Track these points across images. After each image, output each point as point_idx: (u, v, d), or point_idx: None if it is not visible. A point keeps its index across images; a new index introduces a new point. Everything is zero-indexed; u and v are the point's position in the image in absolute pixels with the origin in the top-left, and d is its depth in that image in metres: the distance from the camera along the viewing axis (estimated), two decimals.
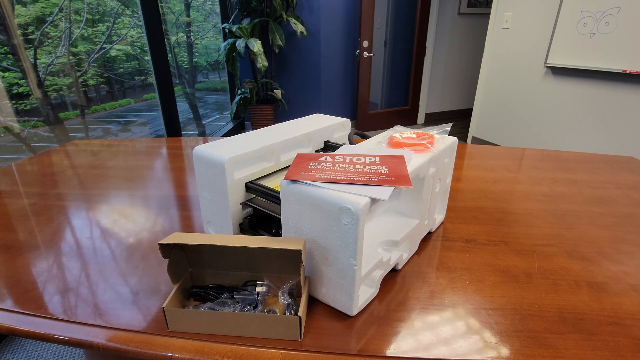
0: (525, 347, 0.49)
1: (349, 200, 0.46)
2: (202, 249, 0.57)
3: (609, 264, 0.67)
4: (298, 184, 0.51)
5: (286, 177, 0.52)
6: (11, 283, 0.63)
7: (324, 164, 0.56)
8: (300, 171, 0.54)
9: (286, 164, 0.75)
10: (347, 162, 0.57)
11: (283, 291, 0.53)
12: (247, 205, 0.68)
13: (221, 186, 0.64)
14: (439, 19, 3.99)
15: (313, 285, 0.57)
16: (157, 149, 1.39)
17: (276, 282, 0.56)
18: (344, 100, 3.92)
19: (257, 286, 0.56)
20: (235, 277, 0.59)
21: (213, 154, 0.63)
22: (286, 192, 0.53)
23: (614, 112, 2.27)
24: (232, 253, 0.57)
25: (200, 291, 0.56)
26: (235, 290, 0.56)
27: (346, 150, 0.63)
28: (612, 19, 2.14)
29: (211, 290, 0.56)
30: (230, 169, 0.63)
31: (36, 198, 0.96)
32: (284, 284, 0.54)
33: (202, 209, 0.72)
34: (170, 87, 2.47)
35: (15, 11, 1.86)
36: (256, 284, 0.56)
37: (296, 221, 0.54)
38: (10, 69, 1.87)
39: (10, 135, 1.97)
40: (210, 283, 0.58)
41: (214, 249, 0.57)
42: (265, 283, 0.56)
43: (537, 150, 1.34)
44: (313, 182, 0.50)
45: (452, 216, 0.84)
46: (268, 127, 0.80)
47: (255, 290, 0.55)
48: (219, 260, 0.58)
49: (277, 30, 3.23)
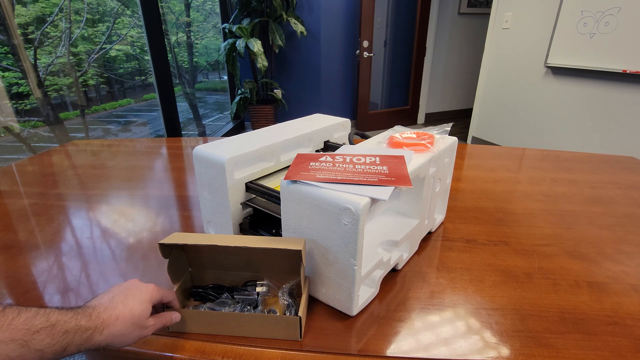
0: (525, 347, 0.49)
1: (349, 200, 0.46)
2: (203, 249, 0.57)
3: (609, 264, 0.67)
4: (298, 184, 0.51)
5: (286, 177, 0.52)
6: (11, 283, 0.63)
7: (324, 164, 0.56)
8: (301, 171, 0.54)
9: (286, 164, 0.75)
10: (347, 162, 0.57)
11: (283, 291, 0.53)
12: (247, 205, 0.68)
13: (221, 186, 0.64)
14: (439, 19, 3.99)
15: (313, 285, 0.57)
16: (157, 149, 1.39)
17: (276, 282, 0.56)
18: (344, 100, 3.92)
19: (257, 286, 0.56)
20: (235, 277, 0.59)
21: (213, 154, 0.63)
22: (286, 192, 0.53)
23: (614, 112, 2.26)
24: (233, 253, 0.57)
25: (201, 291, 0.56)
26: (236, 291, 0.56)
27: (346, 150, 0.63)
28: (612, 18, 2.14)
29: (211, 290, 0.56)
30: (230, 169, 0.63)
31: (36, 198, 0.96)
32: (284, 284, 0.54)
33: (202, 209, 0.72)
34: (170, 87, 2.47)
35: (15, 11, 1.86)
36: (256, 284, 0.56)
37: (296, 221, 0.53)
38: (10, 69, 1.87)
39: (11, 135, 1.97)
40: (210, 283, 0.58)
41: (214, 249, 0.56)
42: (265, 283, 0.56)
43: (537, 150, 1.34)
44: (313, 182, 0.50)
45: (452, 216, 0.84)
46: (268, 127, 0.79)
47: (256, 290, 0.55)
48: (219, 260, 0.58)
49: (277, 30, 3.23)
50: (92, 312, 0.38)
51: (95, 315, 0.38)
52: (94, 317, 0.37)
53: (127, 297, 0.42)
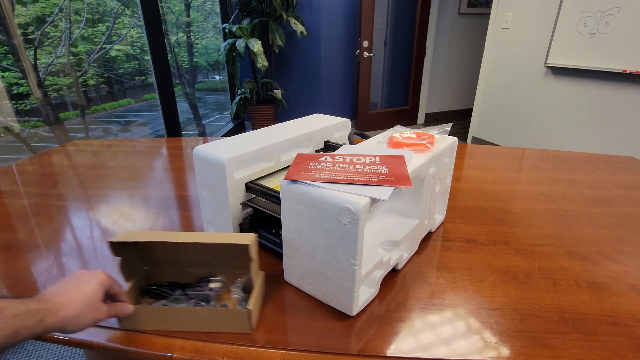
0: (525, 347, 0.49)
1: (349, 200, 0.46)
2: (156, 247, 0.56)
3: (609, 264, 0.67)
4: (298, 184, 0.51)
5: (286, 177, 0.52)
6: (11, 283, 0.63)
7: (324, 164, 0.56)
8: (301, 171, 0.54)
9: (286, 164, 0.75)
10: (347, 162, 0.57)
11: (236, 286, 0.53)
12: (247, 205, 0.68)
13: (221, 186, 0.64)
14: (439, 19, 3.99)
15: (313, 285, 0.57)
16: (157, 149, 1.39)
17: (232, 278, 0.56)
18: (344, 100, 3.92)
19: (211, 282, 0.56)
20: (192, 275, 0.59)
21: (213, 154, 0.63)
22: (286, 192, 0.53)
23: (614, 112, 2.26)
24: (186, 250, 0.57)
25: (154, 288, 0.56)
26: (189, 287, 0.56)
27: (346, 151, 0.63)
28: (612, 19, 2.14)
29: (166, 287, 0.56)
30: (230, 169, 0.63)
31: (36, 198, 0.96)
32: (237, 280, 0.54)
33: (202, 209, 0.72)
34: (170, 87, 2.47)
35: (15, 11, 1.86)
36: (210, 280, 0.56)
37: (296, 221, 0.53)
38: (10, 69, 1.87)
39: (11, 135, 1.97)
40: (166, 281, 0.58)
41: (167, 246, 0.56)
42: (219, 279, 0.56)
43: (537, 150, 1.34)
44: (313, 182, 0.50)
45: (452, 216, 0.84)
46: (268, 127, 0.79)
47: (209, 286, 0.55)
48: (173, 258, 0.58)
49: (277, 30, 3.23)
50: (41, 297, 0.39)
51: (46, 299, 0.39)
52: (44, 300, 0.38)
53: (77, 282, 0.43)
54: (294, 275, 0.60)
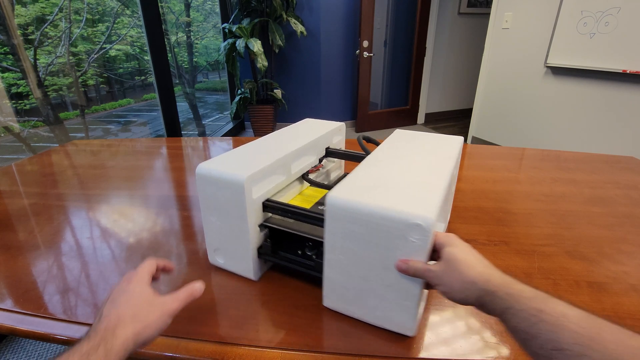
0: None
1: (418, 216, 0.42)
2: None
3: (609, 264, 0.67)
4: (350, 199, 0.46)
5: (334, 192, 0.48)
6: (11, 283, 0.63)
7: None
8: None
9: (296, 176, 0.68)
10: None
11: None
12: (265, 226, 0.60)
13: (238, 208, 0.55)
14: (439, 19, 3.98)
15: (363, 308, 0.52)
16: (157, 149, 1.39)
17: None
18: (344, 100, 3.92)
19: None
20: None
21: (226, 173, 0.55)
22: (335, 209, 0.47)
23: (614, 112, 2.26)
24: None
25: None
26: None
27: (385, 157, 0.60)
28: (612, 18, 2.14)
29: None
30: (249, 188, 0.55)
31: (36, 198, 0.96)
32: None
33: (208, 236, 0.63)
34: (170, 87, 2.47)
35: (15, 11, 1.86)
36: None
37: (346, 242, 0.48)
38: (10, 69, 1.87)
39: (10, 135, 1.97)
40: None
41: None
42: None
43: (537, 150, 1.34)
44: (369, 197, 0.46)
45: (452, 216, 0.84)
46: (264, 138, 0.73)
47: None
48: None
49: (277, 30, 3.23)
50: (90, 332, 0.37)
51: (94, 333, 0.37)
52: (92, 335, 0.36)
53: (114, 298, 0.41)
54: (337, 300, 0.54)
